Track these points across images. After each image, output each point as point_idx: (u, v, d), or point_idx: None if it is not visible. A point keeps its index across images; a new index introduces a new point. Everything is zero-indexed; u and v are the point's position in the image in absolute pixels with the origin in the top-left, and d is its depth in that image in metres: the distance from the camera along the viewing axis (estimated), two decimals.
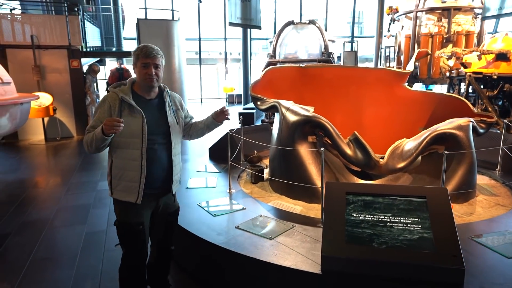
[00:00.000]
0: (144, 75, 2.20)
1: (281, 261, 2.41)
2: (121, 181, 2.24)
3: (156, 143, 2.27)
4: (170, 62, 10.03)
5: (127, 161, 2.22)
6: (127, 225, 2.28)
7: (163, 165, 2.32)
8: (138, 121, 2.19)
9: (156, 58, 2.21)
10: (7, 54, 8.89)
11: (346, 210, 2.48)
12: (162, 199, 2.42)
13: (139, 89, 2.28)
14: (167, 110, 2.33)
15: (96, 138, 2.09)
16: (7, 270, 3.13)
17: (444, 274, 2.12)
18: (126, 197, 2.24)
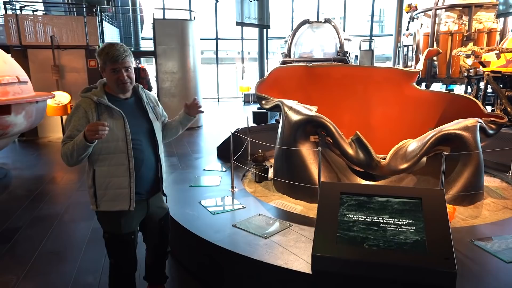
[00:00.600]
0: (116, 81, 2.06)
1: (272, 260, 2.42)
2: (109, 190, 2.09)
3: (141, 143, 2.16)
4: (185, 61, 10.15)
5: (112, 167, 2.08)
6: (118, 237, 2.18)
7: (151, 165, 2.23)
8: (120, 122, 2.07)
9: (125, 61, 2.05)
10: (29, 54, 9.20)
11: (339, 210, 2.46)
12: (152, 202, 2.32)
13: (112, 91, 2.14)
14: (146, 107, 2.23)
15: (77, 147, 1.92)
16: (15, 262, 3.25)
17: (435, 277, 2.08)
18: (117, 207, 2.11)
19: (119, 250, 2.22)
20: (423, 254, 2.15)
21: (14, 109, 5.08)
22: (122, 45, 2.08)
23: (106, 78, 2.11)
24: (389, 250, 2.20)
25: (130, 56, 2.10)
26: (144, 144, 2.19)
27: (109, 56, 2.02)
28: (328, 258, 2.25)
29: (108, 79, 2.10)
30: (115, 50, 2.03)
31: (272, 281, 2.44)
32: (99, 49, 2.09)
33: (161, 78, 10.03)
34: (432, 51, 4.78)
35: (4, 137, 5.20)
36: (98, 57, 2.08)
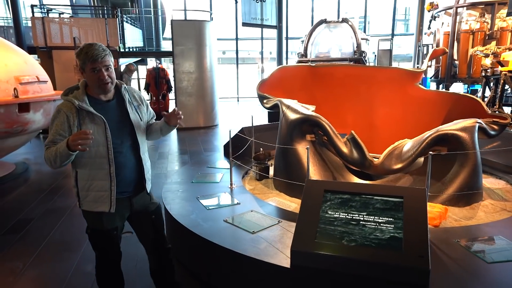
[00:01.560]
0: (97, 81, 2.04)
1: (254, 253, 2.50)
2: (90, 192, 2.13)
3: (122, 146, 2.17)
4: (201, 61, 10.34)
5: (94, 171, 2.11)
6: (100, 233, 2.23)
7: (133, 167, 2.24)
8: (101, 127, 2.07)
9: (105, 60, 2.04)
10: (53, 55, 9.62)
11: (321, 207, 2.51)
12: (136, 200, 2.32)
13: (93, 92, 2.12)
14: (128, 108, 2.21)
15: (60, 154, 1.94)
16: (23, 251, 3.47)
17: (409, 274, 2.11)
18: (98, 208, 2.15)
19: (101, 243, 2.28)
20: (399, 252, 2.17)
21: (33, 107, 5.37)
22: (101, 45, 2.07)
23: (87, 79, 2.09)
24: (366, 247, 2.23)
25: (109, 56, 2.10)
26: (125, 146, 2.19)
27: (88, 56, 2.00)
28: (306, 254, 2.31)
29: (88, 80, 2.08)
30: (94, 49, 2.02)
31: (253, 274, 2.52)
32: (78, 50, 2.08)
33: (178, 78, 10.25)
34: (437, 51, 4.72)
35: (24, 133, 5.50)
36: (77, 58, 2.06)
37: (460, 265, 2.32)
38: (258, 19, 8.95)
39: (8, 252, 3.46)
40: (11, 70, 5.32)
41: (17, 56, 5.71)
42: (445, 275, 2.22)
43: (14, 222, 4.13)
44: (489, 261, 2.33)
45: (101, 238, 2.26)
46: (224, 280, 2.76)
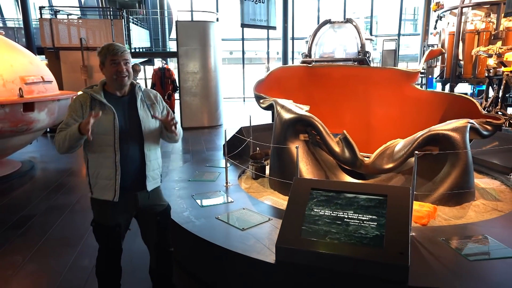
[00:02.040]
0: (116, 73, 2.17)
1: (242, 249, 2.56)
2: (98, 180, 2.25)
3: (128, 139, 2.26)
4: (206, 61, 10.44)
5: (101, 159, 2.23)
6: (103, 227, 2.32)
7: (136, 161, 2.30)
8: (110, 117, 2.19)
9: (124, 54, 2.20)
10: (60, 55, 9.80)
11: (307, 205, 2.57)
12: (140, 199, 2.37)
13: (110, 87, 2.27)
14: (139, 104, 2.31)
15: (70, 137, 2.09)
16: (24, 245, 3.58)
17: (389, 270, 2.15)
18: (104, 196, 2.26)
19: (104, 238, 2.37)
20: (380, 249, 2.22)
21: (37, 106, 5.50)
22: (121, 44, 2.26)
23: (106, 73, 2.22)
24: (349, 244, 2.29)
25: (129, 54, 2.26)
26: (131, 140, 2.27)
27: (109, 50, 2.18)
28: (290, 250, 2.37)
29: (107, 73, 2.21)
30: (115, 45, 2.22)
31: (240, 269, 2.59)
32: (99, 49, 2.24)
33: (182, 78, 10.37)
34: (434, 51, 4.73)
35: (29, 132, 5.63)
36: (99, 55, 2.23)
37: (442, 262, 2.35)
38: (257, 20, 9.01)
39: (9, 247, 3.58)
40: (17, 71, 5.46)
41: (22, 56, 5.86)
42: (426, 271, 2.26)
43: (17, 218, 4.25)
44: (471, 259, 2.36)
45: (103, 233, 2.35)
46: (213, 276, 2.83)
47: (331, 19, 11.29)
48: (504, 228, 2.84)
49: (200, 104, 10.66)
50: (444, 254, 2.45)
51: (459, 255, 2.42)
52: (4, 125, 5.18)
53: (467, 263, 2.33)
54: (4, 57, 5.46)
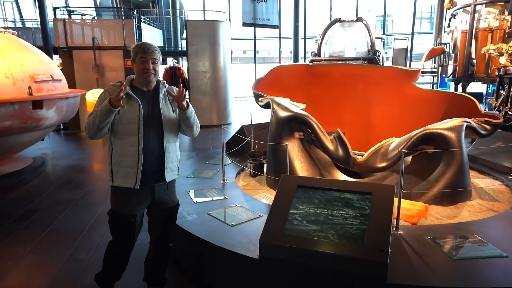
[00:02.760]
0: (143, 69, 2.32)
1: (227, 244, 2.61)
2: (121, 168, 2.37)
3: (150, 130, 2.38)
4: (215, 60, 10.52)
5: (125, 147, 2.36)
6: (120, 216, 2.42)
7: (155, 152, 2.42)
8: (135, 108, 2.33)
9: (154, 54, 2.34)
10: (73, 55, 10.04)
11: (293, 202, 2.59)
12: (157, 190, 2.49)
13: (138, 83, 2.41)
14: (161, 99, 2.43)
15: (101, 111, 2.22)
16: (26, 238, 3.71)
17: (368, 267, 2.17)
18: (125, 183, 2.36)
19: (119, 229, 2.46)
20: (361, 246, 2.24)
21: (46, 104, 5.67)
22: (154, 45, 2.40)
23: (135, 69, 2.38)
24: (332, 241, 2.31)
25: (159, 53, 2.41)
26: (152, 132, 2.40)
27: (141, 48, 2.34)
28: (274, 246, 2.41)
29: (136, 68, 2.37)
30: (147, 44, 2.37)
31: (226, 264, 2.63)
32: (134, 46, 2.41)
33: (192, 77, 10.48)
34: (436, 50, 4.68)
35: (38, 129, 5.81)
36: (132, 51, 2.39)
37: (425, 261, 2.35)
38: (258, 19, 9.03)
39: (13, 239, 3.71)
40: (27, 69, 5.64)
41: (33, 56, 6.04)
42: (407, 269, 2.27)
43: (23, 211, 4.40)
44: (455, 258, 2.36)
45: (118, 222, 2.44)
46: (200, 270, 2.89)
47: (341, 17, 11.23)
48: (495, 228, 2.82)
49: (209, 103, 10.76)
50: (428, 252, 2.45)
51: (444, 253, 2.42)
52: (13, 122, 5.35)
53: (450, 262, 2.32)
54: (14, 56, 5.64)
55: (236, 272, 2.61)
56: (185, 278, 3.01)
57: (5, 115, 5.23)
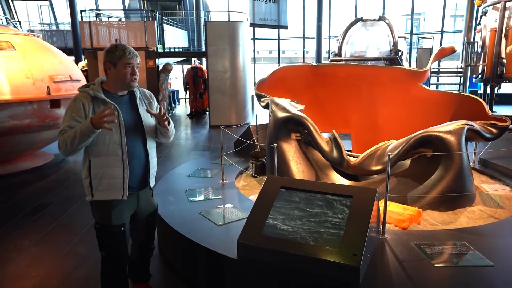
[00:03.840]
0: (128, 75, 2.19)
1: (209, 243, 2.64)
2: (103, 180, 2.19)
3: (132, 137, 2.26)
4: (235, 61, 10.59)
5: (107, 157, 2.18)
6: (108, 228, 2.27)
7: (141, 159, 2.33)
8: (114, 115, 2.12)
9: (138, 59, 2.24)
10: (98, 55, 10.40)
11: (274, 203, 2.59)
12: (142, 197, 2.42)
13: (111, 87, 2.25)
14: (139, 103, 2.32)
15: (81, 134, 2.02)
16: (34, 231, 3.90)
17: (342, 271, 2.14)
18: (110, 196, 2.21)
19: (109, 241, 2.30)
20: (336, 249, 2.21)
21: (63, 103, 5.93)
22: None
23: (115, 73, 2.19)
24: (308, 243, 2.30)
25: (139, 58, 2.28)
26: (134, 138, 2.28)
27: (125, 52, 2.17)
28: (251, 246, 2.42)
29: (118, 74, 2.19)
30: (130, 48, 2.21)
31: (207, 262, 2.67)
32: (113, 46, 2.20)
33: (211, 77, 10.60)
34: (445, 50, 4.51)
35: (56, 127, 6.06)
36: (110, 53, 2.18)
37: (405, 267, 2.29)
38: (267, 20, 8.98)
39: (22, 231, 3.91)
40: (46, 70, 5.91)
41: (53, 57, 6.32)
42: (384, 275, 2.22)
43: (36, 206, 4.62)
44: (436, 265, 2.28)
45: (108, 234, 2.29)
46: (184, 266, 2.94)
47: (363, 17, 11.02)
48: (488, 236, 2.70)
49: (228, 103, 10.84)
50: (410, 258, 2.38)
51: (426, 260, 2.34)
52: (32, 120, 5.63)
53: (429, 269, 2.25)
54: (35, 57, 5.92)
55: (216, 271, 2.64)
56: (172, 274, 3.07)
57: (24, 114, 5.50)
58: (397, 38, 10.29)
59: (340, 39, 11.02)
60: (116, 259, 2.33)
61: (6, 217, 4.27)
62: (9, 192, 5.15)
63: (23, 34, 6.38)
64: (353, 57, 10.74)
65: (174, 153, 7.62)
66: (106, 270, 2.36)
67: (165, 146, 8.27)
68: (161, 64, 11.09)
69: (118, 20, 12.63)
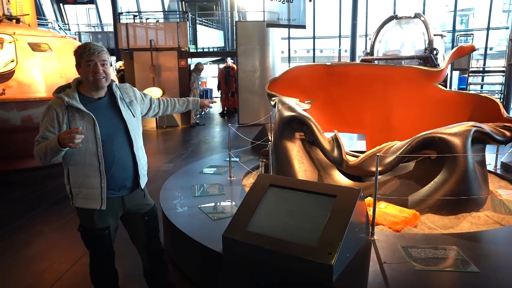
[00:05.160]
0: (92, 74, 2.04)
1: (199, 236, 2.75)
2: (82, 189, 2.14)
3: (113, 143, 2.16)
4: (264, 60, 10.68)
5: (84, 167, 2.11)
6: (91, 231, 2.24)
7: (125, 164, 2.23)
8: (90, 124, 2.07)
9: (101, 55, 2.06)
10: (134, 56, 10.88)
11: (262, 200, 2.65)
12: (129, 198, 2.31)
13: (86, 89, 2.13)
14: (120, 105, 2.20)
15: (51, 150, 1.95)
16: (55, 219, 4.22)
17: (316, 269, 2.17)
18: (89, 205, 2.15)
19: (93, 243, 2.30)
20: (312, 247, 2.24)
21: None
22: (98, 44, 2.14)
23: (82, 74, 2.09)
24: (287, 240, 2.34)
25: (107, 54, 2.12)
26: (116, 144, 2.18)
27: (85, 50, 2.04)
28: (234, 241, 2.50)
29: (83, 74, 2.08)
30: (91, 45, 2.07)
31: (194, 254, 2.78)
32: (78, 46, 2.12)
33: (241, 76, 10.76)
34: (464, 49, 4.31)
35: None
36: (75, 54, 2.09)
37: (384, 268, 2.27)
38: (284, 20, 8.92)
39: (44, 219, 4.24)
40: None
41: None
42: (359, 275, 2.22)
43: (61, 196, 4.96)
44: (417, 268, 2.24)
45: (92, 237, 2.27)
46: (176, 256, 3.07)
47: (398, 14, 10.70)
48: (485, 242, 2.60)
49: (258, 102, 10.94)
50: (393, 260, 2.35)
51: (408, 263, 2.31)
52: None
53: (409, 272, 2.22)
54: (69, 58, 6.32)
55: (203, 263, 2.75)
56: None
57: None
58: (432, 36, 9.90)
59: (373, 37, 10.78)
60: (102, 256, 2.34)
61: (34, 206, 4.64)
62: (40, 183, 5.57)
63: (60, 37, 6.84)
64: (386, 56, 10.47)
65: (198, 151, 7.83)
66: (94, 267, 2.38)
67: (191, 144, 8.53)
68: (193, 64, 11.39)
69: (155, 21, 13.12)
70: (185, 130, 10.42)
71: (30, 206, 4.62)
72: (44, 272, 3.14)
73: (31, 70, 5.84)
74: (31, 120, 5.77)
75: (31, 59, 5.90)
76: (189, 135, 9.75)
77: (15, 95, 5.65)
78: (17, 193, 5.13)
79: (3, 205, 4.72)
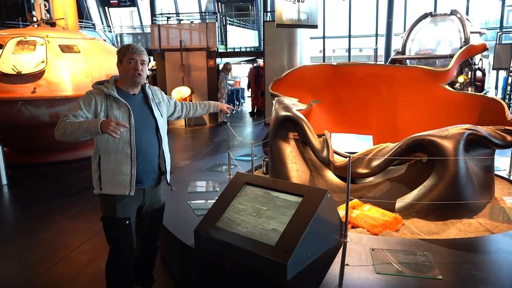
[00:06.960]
0: (131, 71, 2.22)
1: (176, 230, 2.87)
2: (112, 175, 2.25)
3: (142, 137, 2.30)
4: (291, 60, 10.65)
5: (117, 154, 2.24)
6: (113, 221, 2.32)
7: (152, 158, 2.37)
8: (126, 114, 2.23)
9: (142, 55, 2.25)
10: (165, 56, 11.27)
11: (236, 197, 2.71)
12: (149, 193, 2.44)
13: (123, 85, 2.29)
14: (152, 104, 2.38)
15: (85, 129, 2.03)
16: (67, 209, 4.52)
17: (272, 266, 2.21)
18: (118, 191, 2.26)
19: (114, 234, 2.36)
20: (271, 245, 2.28)
21: None
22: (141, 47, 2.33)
23: (121, 71, 2.27)
24: (251, 238, 2.40)
25: (146, 56, 2.32)
26: (146, 137, 2.32)
27: (128, 49, 2.24)
28: (204, 236, 2.59)
29: (123, 71, 2.26)
30: (134, 45, 2.28)
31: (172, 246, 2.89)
32: (122, 46, 2.34)
33: (267, 76, 10.80)
34: (475, 48, 4.08)
35: None
36: (119, 52, 2.28)
37: (344, 270, 2.26)
38: (295, 20, 8.76)
39: (59, 208, 4.56)
40: (104, 70, 6.67)
41: (113, 58, 7.02)
42: (317, 275, 2.22)
43: (79, 189, 5.30)
44: (378, 271, 2.21)
45: (114, 227, 2.35)
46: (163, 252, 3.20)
47: (432, 11, 10.25)
48: (463, 250, 2.48)
49: None
50: (356, 263, 2.33)
51: (370, 266, 2.28)
52: None
53: (369, 275, 2.20)
54: (96, 59, 6.72)
55: (180, 256, 2.85)
56: None
57: None
58: (469, 34, 9.40)
59: (405, 36, 10.41)
60: (121, 253, 2.38)
61: (54, 196, 5.00)
62: (65, 176, 5.97)
63: (89, 38, 7.26)
64: (418, 55, 10.08)
65: (217, 149, 7.98)
66: (112, 264, 2.41)
67: (212, 142, 8.71)
68: (222, 63, 11.60)
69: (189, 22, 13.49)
70: (212, 129, 10.64)
71: (51, 196, 4.98)
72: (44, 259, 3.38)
73: (60, 70, 6.27)
74: (58, 116, 6.14)
75: (60, 60, 6.32)
76: (215, 133, 9.95)
77: (44, 93, 6.09)
78: (42, 184, 5.54)
79: (27, 194, 5.12)
